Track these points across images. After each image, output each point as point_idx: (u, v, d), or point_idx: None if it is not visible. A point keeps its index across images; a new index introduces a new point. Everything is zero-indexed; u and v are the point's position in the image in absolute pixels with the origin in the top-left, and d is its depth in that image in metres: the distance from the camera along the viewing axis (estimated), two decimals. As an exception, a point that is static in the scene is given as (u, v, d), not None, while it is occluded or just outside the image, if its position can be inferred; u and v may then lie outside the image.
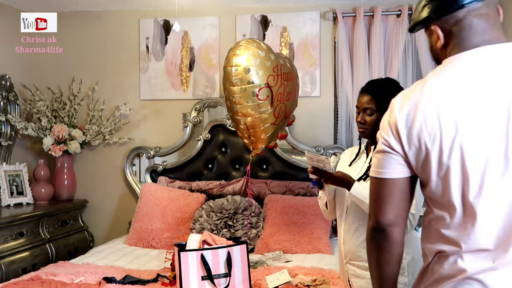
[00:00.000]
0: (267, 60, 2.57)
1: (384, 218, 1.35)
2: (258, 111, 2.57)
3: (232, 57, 2.51)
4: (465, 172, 1.20)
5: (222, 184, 3.46)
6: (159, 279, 2.29)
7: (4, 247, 2.96)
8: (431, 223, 1.32)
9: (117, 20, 3.84)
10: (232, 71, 2.50)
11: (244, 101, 2.54)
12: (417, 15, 1.41)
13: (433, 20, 1.35)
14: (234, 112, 2.62)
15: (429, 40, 1.39)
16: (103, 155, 3.87)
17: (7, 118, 3.53)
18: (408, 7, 3.38)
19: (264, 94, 2.54)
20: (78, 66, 3.87)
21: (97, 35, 3.86)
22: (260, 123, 2.61)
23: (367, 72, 3.41)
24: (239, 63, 2.49)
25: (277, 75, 2.61)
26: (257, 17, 3.67)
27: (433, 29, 1.35)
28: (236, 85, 2.52)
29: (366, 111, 2.12)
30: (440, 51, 1.35)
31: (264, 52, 2.58)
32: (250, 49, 2.53)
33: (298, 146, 3.53)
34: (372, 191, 1.37)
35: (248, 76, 2.50)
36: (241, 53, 2.51)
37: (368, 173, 2.11)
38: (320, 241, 2.95)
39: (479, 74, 1.22)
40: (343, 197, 2.19)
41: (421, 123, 1.24)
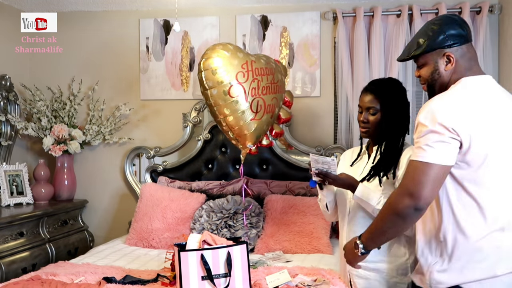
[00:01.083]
0: (233, 58, 2.64)
1: (429, 199, 1.65)
2: (233, 109, 2.64)
3: (200, 62, 2.61)
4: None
5: (222, 184, 3.46)
6: (159, 279, 2.28)
7: (4, 247, 2.97)
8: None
9: (117, 20, 3.84)
10: (203, 76, 2.59)
11: (219, 102, 2.62)
12: (428, 43, 1.75)
13: (449, 47, 1.74)
14: (215, 115, 2.70)
15: (434, 65, 1.76)
16: (103, 155, 3.87)
17: (7, 118, 3.53)
18: (408, 7, 3.38)
19: (235, 91, 2.60)
20: (78, 66, 3.87)
21: (97, 35, 3.86)
22: (239, 120, 2.67)
23: (367, 72, 3.41)
24: (207, 67, 2.59)
25: (247, 71, 2.66)
26: (257, 17, 3.67)
27: (449, 55, 1.73)
28: (209, 89, 2.60)
29: (369, 110, 2.11)
30: (445, 73, 1.76)
31: (229, 52, 2.65)
32: (216, 51, 2.63)
33: (298, 146, 3.53)
34: (422, 173, 1.63)
35: (216, 76, 2.58)
36: (208, 56, 2.61)
37: (372, 172, 2.11)
38: (320, 241, 2.95)
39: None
40: (344, 199, 2.19)
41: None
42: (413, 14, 3.37)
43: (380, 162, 2.10)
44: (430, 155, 1.62)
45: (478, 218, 1.68)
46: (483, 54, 3.28)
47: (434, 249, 1.75)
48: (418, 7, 3.37)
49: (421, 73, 1.82)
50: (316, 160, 2.07)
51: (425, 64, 1.79)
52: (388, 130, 2.10)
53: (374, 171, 2.10)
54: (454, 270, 1.70)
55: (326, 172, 2.05)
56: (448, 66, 1.75)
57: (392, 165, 2.07)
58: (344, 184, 2.08)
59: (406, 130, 2.15)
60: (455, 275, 1.70)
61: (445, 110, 1.64)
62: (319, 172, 2.07)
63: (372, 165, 2.14)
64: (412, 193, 1.63)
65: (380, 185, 2.06)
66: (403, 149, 2.11)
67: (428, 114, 1.65)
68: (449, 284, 1.70)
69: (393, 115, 2.09)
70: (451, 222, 1.70)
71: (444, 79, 1.77)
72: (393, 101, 2.08)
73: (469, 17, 3.30)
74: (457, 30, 1.74)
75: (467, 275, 1.68)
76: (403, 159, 2.07)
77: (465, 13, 3.30)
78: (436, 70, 1.77)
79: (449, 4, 3.38)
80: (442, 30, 1.73)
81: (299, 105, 3.62)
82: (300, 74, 3.64)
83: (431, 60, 1.77)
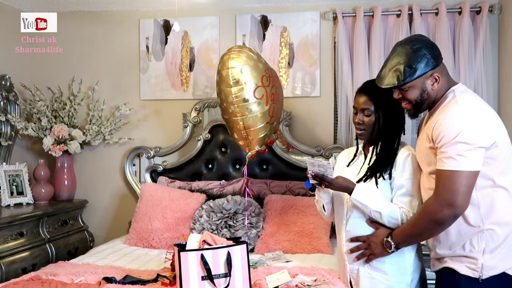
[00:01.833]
0: (259, 62, 2.74)
1: (466, 206, 1.82)
2: (254, 110, 2.69)
3: (228, 60, 2.66)
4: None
5: (222, 184, 3.46)
6: (159, 279, 2.28)
7: (4, 247, 2.96)
8: None
9: (117, 20, 3.84)
10: (229, 73, 2.63)
11: (241, 101, 2.66)
12: (420, 68, 1.89)
13: (434, 68, 1.91)
14: (230, 113, 2.72)
15: (422, 87, 1.92)
16: (103, 155, 3.87)
17: (7, 118, 3.53)
18: (408, 7, 3.38)
19: (259, 93, 2.67)
20: (78, 66, 3.87)
21: (97, 35, 3.86)
22: (256, 123, 2.72)
23: (367, 72, 3.41)
24: (235, 65, 2.63)
25: (269, 76, 2.76)
26: (257, 17, 3.67)
27: (435, 75, 1.91)
28: (233, 86, 2.63)
29: (364, 111, 2.12)
30: (433, 91, 1.94)
31: (255, 55, 2.76)
32: (244, 52, 2.70)
33: (298, 146, 3.53)
34: (457, 183, 1.77)
35: (244, 76, 2.64)
36: (235, 56, 2.66)
37: (368, 173, 2.11)
38: (320, 241, 2.95)
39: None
40: (341, 200, 2.19)
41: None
42: (413, 14, 3.37)
43: (376, 163, 2.10)
44: (462, 164, 1.77)
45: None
46: (483, 54, 3.28)
47: (478, 240, 1.87)
48: (418, 7, 3.37)
49: (407, 96, 1.95)
50: (312, 163, 2.07)
51: (411, 88, 1.93)
52: (383, 130, 2.11)
53: (370, 172, 2.10)
54: (501, 256, 1.85)
55: (322, 176, 2.06)
56: (435, 85, 1.93)
57: (388, 165, 2.08)
58: (341, 187, 2.09)
59: (402, 130, 2.16)
60: (502, 262, 1.85)
61: (468, 129, 1.79)
62: (315, 175, 2.07)
63: (368, 166, 2.14)
64: (452, 203, 1.79)
65: (377, 186, 2.06)
66: (399, 149, 2.12)
67: (451, 132, 1.79)
68: (500, 269, 1.85)
69: (387, 115, 2.10)
70: (489, 214, 1.85)
71: (432, 97, 1.95)
72: (387, 101, 2.09)
73: (469, 17, 3.30)
74: (435, 50, 1.92)
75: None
76: (400, 159, 2.08)
77: (465, 13, 3.30)
78: (424, 91, 1.93)
79: (449, 4, 3.38)
80: (428, 54, 1.90)
81: (299, 105, 3.62)
82: (300, 74, 3.64)
83: (418, 83, 1.92)
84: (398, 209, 2.02)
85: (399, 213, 2.02)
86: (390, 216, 2.02)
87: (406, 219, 2.02)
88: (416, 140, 2.12)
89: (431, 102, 1.97)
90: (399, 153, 2.10)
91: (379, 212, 2.02)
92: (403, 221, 2.02)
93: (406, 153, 2.10)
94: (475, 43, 3.29)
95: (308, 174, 2.10)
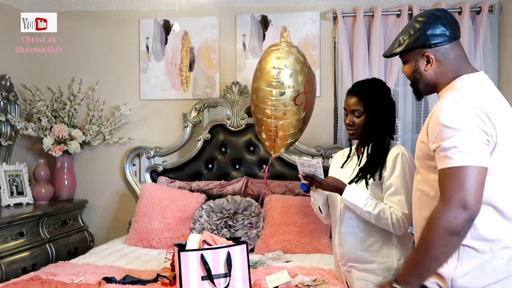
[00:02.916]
0: (305, 66, 2.58)
1: (480, 205, 1.48)
2: (291, 115, 2.57)
3: (275, 59, 2.49)
4: None
5: (222, 184, 3.46)
6: (159, 279, 2.28)
7: (4, 247, 2.96)
8: None
9: (117, 20, 3.84)
10: (274, 73, 2.49)
11: (280, 104, 2.54)
12: (408, 42, 1.71)
13: (429, 47, 1.68)
14: (263, 113, 2.60)
15: (415, 64, 1.72)
16: (103, 155, 3.87)
17: (7, 118, 3.53)
18: (408, 7, 3.38)
19: (300, 99, 2.55)
20: (78, 66, 3.87)
21: (97, 35, 3.86)
22: (291, 128, 2.62)
23: (367, 72, 3.41)
24: (282, 67, 2.48)
25: (310, 82, 2.62)
26: (257, 17, 3.67)
27: (428, 55, 1.68)
28: (275, 88, 2.51)
29: (354, 113, 2.14)
30: (427, 74, 1.70)
31: (303, 57, 2.58)
32: (293, 53, 2.53)
33: (298, 146, 3.53)
34: (472, 180, 1.46)
35: (289, 80, 2.50)
36: (284, 56, 2.49)
37: (359, 174, 2.12)
38: (320, 241, 2.95)
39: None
40: (335, 201, 2.20)
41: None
42: (413, 14, 3.37)
43: (366, 164, 2.11)
44: (467, 158, 1.48)
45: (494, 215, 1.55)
46: (483, 54, 3.28)
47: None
48: (418, 7, 3.37)
49: (404, 71, 1.79)
50: (302, 163, 2.09)
51: (407, 62, 1.76)
52: (374, 131, 2.11)
53: (361, 173, 2.11)
54: (475, 274, 1.54)
55: (312, 176, 2.06)
56: (428, 67, 1.70)
57: (378, 166, 2.09)
58: (331, 187, 2.09)
59: (392, 130, 2.16)
60: (476, 280, 1.54)
61: (471, 115, 1.52)
62: (306, 175, 2.08)
63: (359, 167, 2.15)
64: (465, 204, 1.46)
65: (367, 187, 2.07)
66: (389, 149, 2.12)
67: (454, 119, 1.52)
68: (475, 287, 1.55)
69: (377, 116, 2.10)
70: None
71: (427, 79, 1.72)
72: (376, 102, 2.10)
73: (469, 17, 3.30)
74: (440, 29, 1.67)
75: (489, 276, 1.54)
76: (390, 159, 2.08)
77: (465, 13, 3.30)
78: (416, 69, 1.72)
79: (449, 4, 3.38)
80: (423, 29, 1.68)
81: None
82: (300, 74, 3.63)
83: (412, 59, 1.73)
84: (388, 209, 2.03)
85: (389, 213, 2.02)
86: (380, 216, 2.02)
87: (396, 218, 2.02)
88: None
89: (430, 86, 1.73)
90: (389, 153, 2.10)
91: (369, 212, 2.03)
92: (393, 221, 2.02)
93: (396, 152, 2.10)
94: (475, 43, 3.29)
95: (299, 175, 2.11)
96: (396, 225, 2.02)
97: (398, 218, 2.02)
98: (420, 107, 3.44)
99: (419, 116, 3.45)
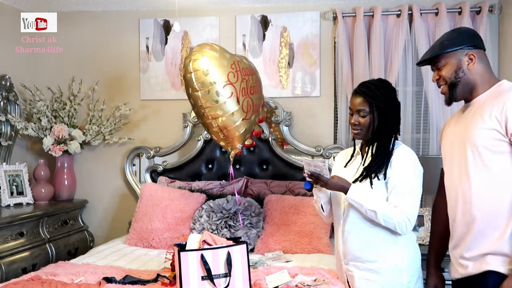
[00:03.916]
0: (222, 59, 2.62)
1: None
2: (225, 110, 2.61)
3: (189, 63, 2.56)
4: None
5: (222, 184, 3.46)
6: (159, 279, 2.28)
7: (4, 247, 2.96)
8: None
9: (117, 20, 3.84)
10: (192, 77, 2.55)
11: (210, 103, 2.59)
12: (453, 42, 1.89)
13: (473, 48, 1.88)
14: (203, 116, 2.66)
15: (457, 63, 1.87)
16: (103, 155, 3.87)
17: (7, 118, 3.53)
18: (408, 7, 3.38)
19: (228, 91, 2.58)
20: (78, 66, 3.87)
21: (97, 35, 3.86)
22: (231, 122, 2.65)
23: (367, 72, 3.41)
24: (197, 68, 2.54)
25: (236, 71, 2.65)
26: (257, 17, 3.67)
27: (471, 54, 1.86)
28: (199, 90, 2.56)
29: (359, 112, 2.14)
30: (469, 72, 1.87)
31: (217, 52, 2.62)
32: (204, 52, 2.59)
33: (298, 146, 3.53)
34: None
35: (208, 77, 2.55)
36: (196, 57, 2.55)
37: (364, 174, 2.12)
38: (320, 241, 2.95)
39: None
40: (339, 199, 2.20)
41: None
42: (413, 14, 3.37)
43: (371, 164, 2.12)
44: None
45: None
46: (483, 54, 3.29)
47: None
48: (418, 7, 3.37)
49: (442, 74, 1.91)
50: (308, 163, 2.09)
51: (446, 64, 1.89)
52: (379, 131, 2.12)
53: (365, 173, 2.12)
54: None
55: (318, 175, 2.06)
56: (470, 65, 1.87)
57: (382, 166, 2.09)
58: (336, 186, 2.09)
59: (397, 131, 2.17)
60: None
61: None
62: (311, 173, 2.08)
63: (363, 167, 2.15)
64: None
65: (371, 187, 2.07)
66: (394, 149, 2.13)
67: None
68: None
69: (382, 116, 2.11)
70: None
71: (469, 78, 1.88)
72: (382, 102, 2.10)
73: (469, 17, 3.30)
74: (476, 38, 1.90)
75: None
76: (395, 159, 2.09)
77: (465, 13, 3.30)
78: (460, 68, 1.88)
79: (449, 4, 3.38)
80: (465, 33, 1.90)
81: (299, 105, 3.62)
82: (300, 74, 3.64)
83: (454, 59, 1.88)
84: (393, 208, 2.03)
85: (394, 212, 2.02)
86: (385, 215, 2.02)
87: (401, 218, 2.02)
88: (443, 135, 2.09)
89: (470, 85, 1.90)
90: (394, 152, 2.11)
91: (374, 211, 2.03)
92: (398, 220, 2.02)
93: (402, 152, 2.11)
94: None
95: (305, 173, 2.12)
96: (401, 224, 2.02)
97: (403, 218, 2.02)
98: (420, 107, 3.44)
99: (419, 116, 3.44)
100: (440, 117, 3.34)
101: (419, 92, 3.44)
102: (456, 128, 1.97)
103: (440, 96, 3.34)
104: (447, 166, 2.01)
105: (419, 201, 2.10)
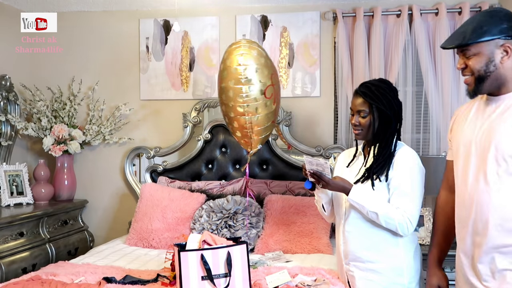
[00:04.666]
0: (268, 59, 2.65)
1: None
2: (264, 109, 2.62)
3: (239, 56, 2.54)
4: None
5: (222, 184, 3.46)
6: (159, 279, 2.28)
7: (4, 247, 2.96)
8: None
9: (117, 20, 3.84)
10: (240, 70, 2.53)
11: (251, 100, 2.58)
12: (489, 29, 1.61)
13: (510, 39, 1.62)
14: (238, 112, 2.63)
15: (489, 56, 1.63)
16: (103, 155, 3.87)
17: (7, 118, 3.53)
18: (408, 7, 3.38)
19: (270, 92, 2.60)
20: (78, 66, 3.87)
21: (97, 35, 3.86)
22: (265, 121, 2.66)
23: (367, 72, 3.41)
24: (247, 63, 2.53)
25: (275, 74, 2.70)
26: (257, 17, 3.67)
27: (507, 46, 1.62)
28: (244, 84, 2.54)
29: (360, 113, 2.14)
30: (502, 66, 1.64)
31: (264, 51, 2.66)
32: (254, 48, 2.59)
33: (298, 146, 3.53)
34: None
35: (257, 74, 2.55)
36: (246, 52, 2.54)
37: (366, 175, 2.12)
38: (320, 241, 2.95)
39: None
40: (340, 200, 2.20)
41: None
42: (413, 14, 3.37)
43: (373, 165, 2.11)
44: None
45: None
46: (483, 54, 3.28)
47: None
48: (418, 7, 3.37)
49: (471, 64, 1.67)
50: (310, 162, 2.08)
51: (477, 54, 1.65)
52: (380, 132, 2.11)
53: (367, 174, 2.11)
54: None
55: (320, 174, 2.06)
56: (505, 59, 1.64)
57: (384, 167, 2.09)
58: (338, 187, 2.09)
59: (398, 131, 2.16)
60: None
61: None
62: (313, 172, 2.08)
63: (365, 167, 2.15)
64: None
65: (373, 188, 2.07)
66: (396, 150, 2.12)
67: None
68: None
69: (383, 117, 2.10)
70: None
71: (501, 73, 1.65)
72: (382, 103, 2.10)
73: (469, 17, 3.29)
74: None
75: None
76: (397, 160, 2.08)
77: (465, 13, 3.30)
78: (491, 61, 1.64)
79: (449, 4, 3.38)
80: (505, 18, 1.60)
81: (299, 105, 3.62)
82: (300, 74, 3.64)
83: (487, 50, 1.63)
84: (395, 210, 2.03)
85: (395, 214, 2.02)
86: (386, 216, 2.02)
87: (402, 219, 2.02)
88: (454, 135, 1.92)
89: (500, 80, 1.67)
90: (396, 153, 2.11)
91: (376, 212, 2.03)
92: (399, 221, 2.02)
93: (404, 153, 2.11)
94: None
95: (306, 172, 2.11)
96: (403, 226, 2.02)
97: (404, 219, 2.02)
98: (420, 107, 3.44)
99: (419, 116, 3.44)
100: (440, 117, 3.34)
101: (419, 92, 3.44)
102: (478, 124, 1.75)
103: (440, 96, 3.35)
104: (461, 165, 1.81)
105: (421, 203, 2.10)
